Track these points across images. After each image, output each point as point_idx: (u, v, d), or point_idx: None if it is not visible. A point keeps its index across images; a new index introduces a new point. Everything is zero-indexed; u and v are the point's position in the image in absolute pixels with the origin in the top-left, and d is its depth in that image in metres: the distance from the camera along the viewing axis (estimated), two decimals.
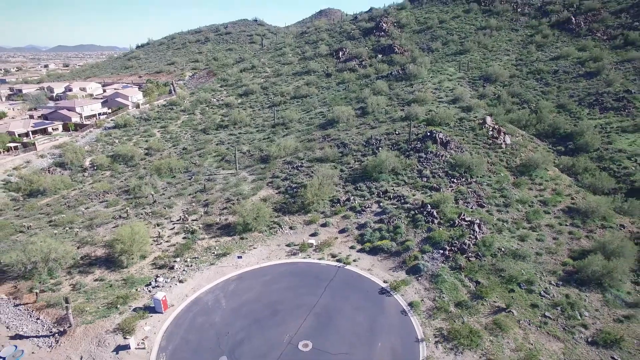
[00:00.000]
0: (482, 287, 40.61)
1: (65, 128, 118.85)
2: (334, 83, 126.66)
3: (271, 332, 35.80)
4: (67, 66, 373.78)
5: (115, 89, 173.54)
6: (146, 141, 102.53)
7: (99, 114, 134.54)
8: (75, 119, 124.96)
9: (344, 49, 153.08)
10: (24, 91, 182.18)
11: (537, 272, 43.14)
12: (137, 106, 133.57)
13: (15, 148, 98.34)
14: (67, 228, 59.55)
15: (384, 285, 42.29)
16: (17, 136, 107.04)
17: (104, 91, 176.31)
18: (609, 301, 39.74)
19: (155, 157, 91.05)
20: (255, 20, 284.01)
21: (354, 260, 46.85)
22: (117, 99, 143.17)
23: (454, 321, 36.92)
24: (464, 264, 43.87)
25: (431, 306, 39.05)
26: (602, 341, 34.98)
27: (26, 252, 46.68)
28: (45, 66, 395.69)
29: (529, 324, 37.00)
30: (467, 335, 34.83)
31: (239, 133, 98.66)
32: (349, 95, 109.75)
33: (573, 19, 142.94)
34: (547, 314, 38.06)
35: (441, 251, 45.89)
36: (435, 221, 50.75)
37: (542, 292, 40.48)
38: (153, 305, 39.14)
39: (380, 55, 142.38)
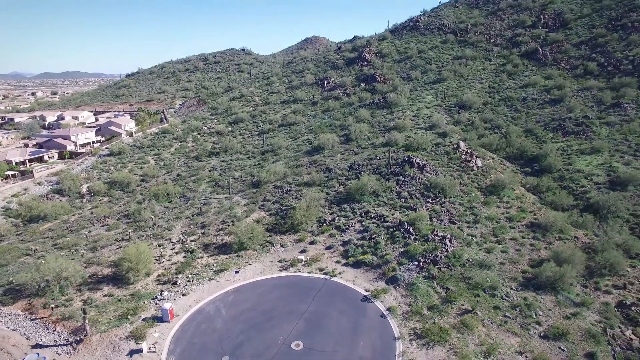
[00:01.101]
0: (451, 293, 46.39)
1: (61, 156, 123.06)
2: (319, 111, 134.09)
3: (267, 335, 40.86)
4: (55, 94, 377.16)
5: (107, 117, 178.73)
6: (141, 168, 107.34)
7: (93, 142, 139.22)
8: (70, 147, 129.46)
9: (329, 78, 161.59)
10: (16, 120, 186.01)
11: (500, 279, 49.14)
12: (131, 134, 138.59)
13: (14, 176, 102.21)
14: (73, 250, 63.84)
15: (365, 293, 47.81)
16: (14, 164, 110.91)
17: (97, 120, 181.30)
18: (560, 302, 45.80)
19: (150, 183, 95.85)
20: (243, 50, 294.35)
21: (339, 273, 52.36)
22: (110, 128, 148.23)
23: (427, 322, 42.47)
24: (436, 273, 49.72)
25: (407, 310, 44.60)
26: (552, 335, 40.87)
27: (40, 271, 51.05)
28: (33, 94, 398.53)
29: (491, 323, 42.72)
30: (437, 333, 40.36)
31: (231, 160, 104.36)
32: (334, 123, 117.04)
33: (540, 49, 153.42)
34: (507, 314, 43.89)
35: (416, 263, 51.74)
36: (411, 237, 56.80)
37: (503, 296, 46.40)
38: (161, 315, 43.87)
39: (363, 84, 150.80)
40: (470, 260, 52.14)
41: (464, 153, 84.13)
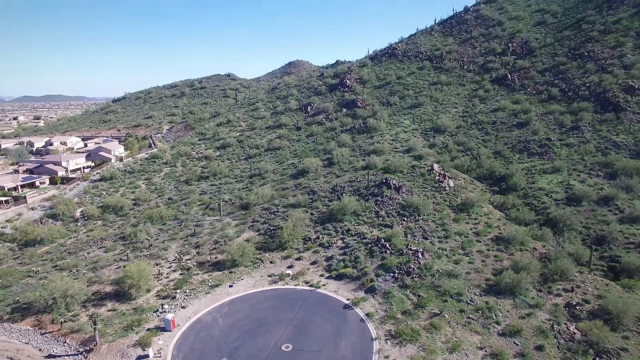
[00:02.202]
0: (422, 299, 52.59)
1: (52, 182, 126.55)
2: (303, 136, 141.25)
3: (260, 339, 46.21)
4: (38, 118, 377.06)
5: (96, 142, 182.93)
6: (132, 192, 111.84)
7: (84, 168, 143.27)
8: (61, 172, 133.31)
9: (312, 104, 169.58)
10: (3, 146, 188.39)
11: (465, 287, 55.56)
12: (121, 159, 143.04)
13: (7, 202, 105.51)
14: (74, 271, 68.10)
15: (347, 302, 53.65)
16: (7, 190, 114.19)
17: (85, 145, 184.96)
18: (517, 304, 52.35)
19: (143, 207, 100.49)
20: (228, 75, 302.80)
21: (323, 285, 58.19)
22: (100, 153, 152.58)
23: (400, 324, 48.42)
24: (409, 283, 55.98)
25: (383, 315, 50.54)
26: (508, 332, 47.25)
27: (47, 289, 55.51)
28: (15, 118, 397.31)
29: (457, 324, 48.90)
30: (409, 333, 46.35)
31: (220, 183, 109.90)
32: (317, 148, 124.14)
33: (509, 75, 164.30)
34: (470, 316, 50.20)
35: (392, 274, 57.97)
36: (388, 251, 63.18)
37: (468, 301, 52.78)
38: (163, 325, 48.84)
39: (344, 109, 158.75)
40: (440, 270, 58.58)
41: (437, 174, 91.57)
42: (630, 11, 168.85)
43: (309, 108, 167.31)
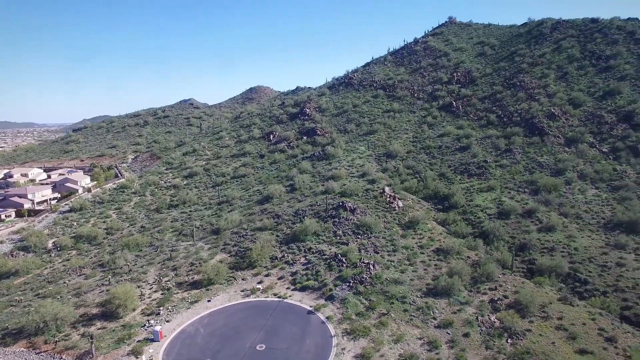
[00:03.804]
0: (373, 303, 62.75)
1: (19, 214, 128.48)
2: (267, 163, 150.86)
3: (237, 342, 54.58)
4: None
5: (60, 174, 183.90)
6: (104, 222, 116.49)
7: (50, 199, 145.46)
8: (27, 205, 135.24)
9: (274, 132, 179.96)
10: None
11: (409, 291, 66.23)
12: (89, 190, 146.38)
13: None
14: (58, 297, 73.39)
15: (310, 308, 63.02)
16: None
17: (49, 176, 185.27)
18: (451, 302, 63.41)
19: (116, 235, 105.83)
20: (191, 104, 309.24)
21: (290, 296, 67.32)
22: (66, 184, 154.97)
23: (354, 324, 58.18)
24: (362, 290, 66.14)
25: (340, 317, 60.20)
26: (442, 325, 58.05)
27: (39, 313, 61.25)
28: None
29: (401, 321, 59.21)
30: (362, 330, 56.17)
31: (190, 211, 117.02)
32: (280, 174, 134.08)
33: (454, 103, 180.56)
34: (412, 314, 60.69)
35: (348, 284, 67.96)
36: (344, 265, 73.34)
37: (411, 302, 63.38)
38: (152, 337, 56.15)
39: (305, 137, 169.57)
40: (388, 278, 69.13)
41: (388, 196, 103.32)
42: (552, 46, 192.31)
43: (271, 136, 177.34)
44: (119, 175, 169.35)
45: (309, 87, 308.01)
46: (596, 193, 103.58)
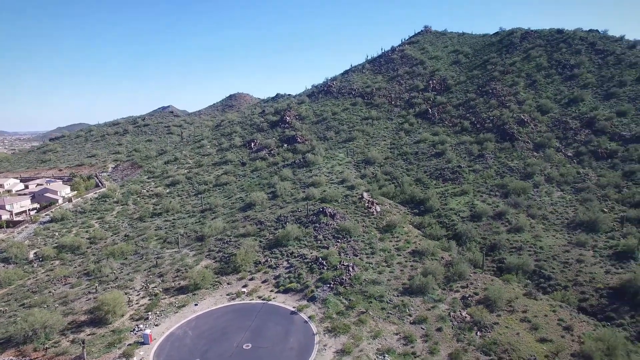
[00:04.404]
0: (352, 302, 66.48)
1: None
2: (248, 171, 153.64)
3: (225, 343, 57.45)
4: None
5: (38, 184, 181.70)
6: (86, 232, 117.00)
7: (30, 210, 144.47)
8: (5, 216, 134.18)
9: (255, 140, 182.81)
10: None
11: (386, 290, 70.21)
12: (70, 200, 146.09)
13: None
14: (44, 307, 74.56)
15: (293, 309, 66.29)
16: None
17: (26, 187, 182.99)
18: (425, 300, 67.66)
19: (100, 244, 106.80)
20: (171, 112, 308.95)
21: (273, 298, 70.44)
22: (46, 194, 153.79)
23: (335, 322, 61.77)
24: (342, 290, 69.83)
25: (322, 316, 63.70)
26: (417, 321, 62.13)
27: (28, 322, 62.70)
28: None
29: (379, 318, 63.05)
30: (342, 327, 59.78)
31: (173, 219, 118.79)
32: (262, 182, 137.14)
33: (430, 110, 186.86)
34: (389, 312, 64.65)
35: (328, 285, 71.55)
36: (325, 267, 76.94)
37: (388, 301, 67.33)
38: (142, 340, 58.44)
39: (285, 145, 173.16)
40: (367, 279, 73.04)
41: (366, 202, 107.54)
42: (522, 55, 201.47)
43: (252, 144, 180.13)
44: (100, 184, 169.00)
45: (289, 94, 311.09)
46: (561, 195, 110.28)
